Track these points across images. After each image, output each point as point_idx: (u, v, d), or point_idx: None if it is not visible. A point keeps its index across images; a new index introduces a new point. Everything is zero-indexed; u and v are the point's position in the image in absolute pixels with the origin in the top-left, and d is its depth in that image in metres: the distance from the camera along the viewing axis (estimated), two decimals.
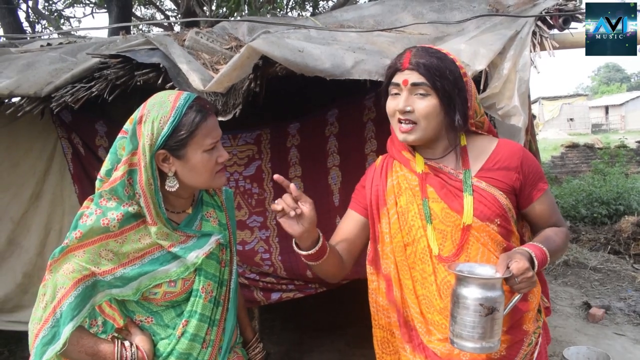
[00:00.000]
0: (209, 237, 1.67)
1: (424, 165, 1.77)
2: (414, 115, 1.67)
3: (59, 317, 1.49)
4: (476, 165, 1.74)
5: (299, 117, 3.62)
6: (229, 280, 1.76)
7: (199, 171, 1.59)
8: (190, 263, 1.60)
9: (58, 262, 1.52)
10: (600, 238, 8.03)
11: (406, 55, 1.70)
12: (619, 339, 4.77)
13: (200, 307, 1.64)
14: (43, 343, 1.48)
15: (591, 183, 10.49)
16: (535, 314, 1.79)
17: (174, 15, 12.42)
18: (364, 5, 3.64)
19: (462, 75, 1.71)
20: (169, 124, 1.51)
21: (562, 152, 15.82)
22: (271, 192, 3.57)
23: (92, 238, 1.52)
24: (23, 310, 3.54)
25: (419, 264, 1.76)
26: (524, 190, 1.74)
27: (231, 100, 2.55)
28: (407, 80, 1.66)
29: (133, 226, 1.56)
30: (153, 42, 2.83)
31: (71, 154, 3.51)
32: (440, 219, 1.72)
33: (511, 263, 1.51)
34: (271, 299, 3.57)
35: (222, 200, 1.83)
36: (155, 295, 1.61)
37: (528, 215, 1.82)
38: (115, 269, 1.54)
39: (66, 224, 3.52)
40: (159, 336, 1.66)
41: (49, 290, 1.52)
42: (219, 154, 1.62)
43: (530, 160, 1.77)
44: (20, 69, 3.01)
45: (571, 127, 37.95)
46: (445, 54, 1.72)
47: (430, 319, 1.75)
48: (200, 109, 1.55)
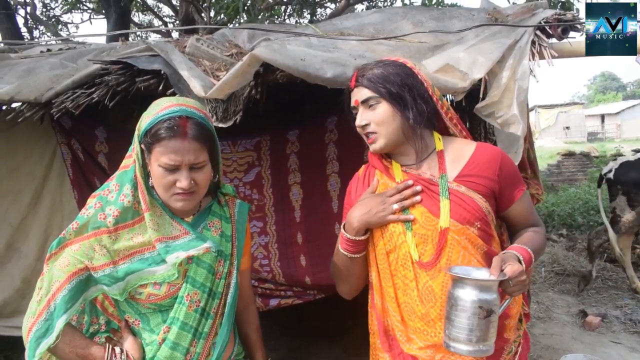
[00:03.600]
0: (202, 242, 1.63)
1: (402, 173, 1.80)
2: (371, 127, 1.76)
3: (53, 310, 1.51)
4: (455, 169, 1.76)
5: (299, 124, 3.64)
6: (224, 294, 1.71)
7: (156, 181, 1.59)
8: (171, 264, 1.57)
9: (55, 256, 1.56)
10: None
11: (353, 76, 1.82)
12: (615, 347, 4.77)
13: (183, 315, 1.61)
14: (37, 336, 1.50)
15: (587, 191, 10.53)
16: (516, 322, 1.80)
17: (172, 22, 12.44)
18: (364, 13, 3.66)
19: (411, 75, 1.76)
20: (147, 123, 1.54)
21: (559, 160, 15.87)
22: (271, 198, 3.58)
23: (87, 232, 1.56)
24: (21, 315, 3.44)
25: (400, 270, 1.76)
26: (504, 192, 1.76)
27: (232, 107, 2.56)
28: (357, 100, 1.78)
29: (128, 224, 1.59)
30: (154, 48, 2.83)
31: (70, 160, 3.50)
32: (421, 223, 1.73)
33: (505, 266, 1.53)
34: (270, 305, 3.58)
35: (232, 212, 1.81)
36: (140, 296, 1.60)
37: (507, 218, 1.84)
38: (106, 265, 1.56)
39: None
40: (145, 341, 1.66)
41: (45, 283, 1.55)
42: (178, 177, 1.54)
43: (508, 163, 1.80)
44: (20, 75, 3.01)
45: (567, 135, 38.13)
46: (390, 61, 1.80)
47: (412, 326, 1.75)
48: (172, 127, 1.50)
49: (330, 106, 3.48)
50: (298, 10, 9.89)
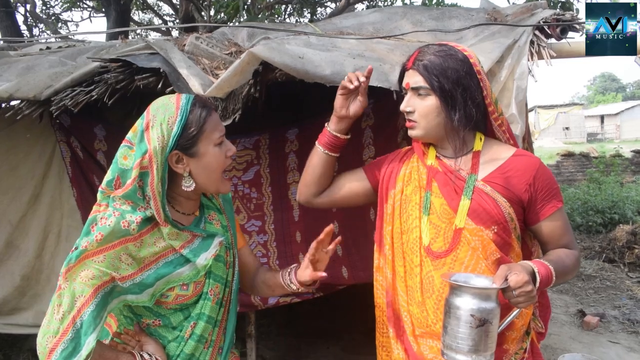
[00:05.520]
0: (213, 238, 1.66)
1: (435, 159, 1.79)
2: (414, 115, 1.73)
3: (79, 328, 1.41)
4: (486, 170, 1.72)
5: (298, 122, 3.63)
6: (231, 282, 1.77)
7: (212, 167, 1.61)
8: (200, 266, 1.60)
9: (75, 269, 1.44)
10: (595, 246, 8.06)
11: (413, 54, 1.75)
12: (613, 346, 4.78)
13: (209, 310, 1.65)
14: (63, 357, 1.39)
15: (586, 192, 10.52)
16: (520, 335, 1.75)
17: (172, 20, 12.43)
18: (363, 13, 3.67)
19: (470, 74, 1.69)
20: (177, 124, 1.52)
21: (558, 161, 15.86)
22: (269, 197, 3.58)
23: (112, 242, 1.47)
24: (21, 313, 3.53)
25: (409, 253, 1.78)
26: (534, 205, 1.70)
27: (231, 106, 2.56)
28: (409, 84, 1.73)
29: (148, 229, 1.54)
30: (153, 46, 2.84)
31: (70, 158, 3.50)
32: (438, 214, 1.73)
33: (510, 275, 1.46)
34: (268, 304, 3.57)
35: (219, 202, 1.83)
36: (167, 299, 1.60)
37: (538, 234, 1.76)
38: (134, 274, 1.51)
39: (64, 227, 3.53)
40: (166, 339, 1.65)
41: (66, 299, 1.43)
42: (227, 147, 1.65)
43: (545, 176, 1.71)
44: (19, 72, 3.01)
45: (567, 136, 38.15)
46: (454, 51, 1.71)
47: (412, 311, 1.77)
48: (203, 105, 1.59)
49: (330, 105, 3.48)
50: (298, 10, 9.89)
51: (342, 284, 3.58)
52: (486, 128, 1.79)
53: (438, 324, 1.69)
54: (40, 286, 3.53)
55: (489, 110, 1.74)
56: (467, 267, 1.68)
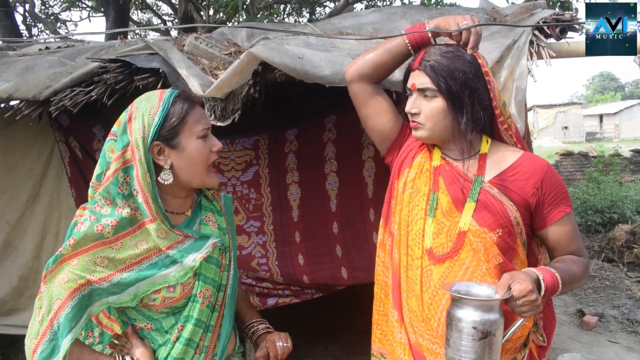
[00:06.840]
0: (207, 239, 1.65)
1: (441, 159, 1.76)
2: (419, 117, 1.70)
3: (57, 330, 1.46)
4: (492, 172, 1.69)
5: (297, 123, 3.63)
6: (226, 285, 1.73)
7: (194, 160, 1.59)
8: (188, 267, 1.58)
9: (52, 273, 1.50)
10: (594, 246, 8.06)
11: (420, 54, 1.72)
12: (612, 346, 4.78)
13: (197, 312, 1.62)
14: (42, 358, 1.45)
15: (585, 191, 10.51)
16: (516, 347, 1.70)
17: (171, 20, 12.42)
18: (363, 13, 3.66)
19: (478, 76, 1.66)
20: (159, 114, 1.53)
21: (557, 160, 15.86)
22: (268, 197, 3.58)
23: (85, 245, 1.49)
24: (18, 313, 3.53)
25: (412, 245, 1.75)
26: (541, 209, 1.66)
27: (230, 106, 2.56)
28: (414, 85, 1.69)
29: (129, 232, 1.54)
30: (153, 47, 2.83)
31: (68, 158, 3.50)
32: (443, 211, 1.70)
33: (513, 284, 1.43)
34: (267, 304, 3.57)
35: (220, 205, 1.82)
36: (154, 302, 1.59)
37: (545, 239, 1.72)
38: (112, 275, 1.51)
39: (63, 227, 3.52)
40: (157, 343, 1.65)
41: (45, 302, 1.49)
42: (212, 142, 1.64)
43: (553, 179, 1.68)
44: (19, 73, 3.00)
45: (566, 135, 38.18)
46: (462, 52, 1.68)
47: (410, 305, 1.74)
48: (186, 98, 1.60)
49: (329, 105, 3.49)
50: (297, 9, 9.89)
51: (341, 284, 3.59)
52: (492, 131, 1.76)
53: (432, 319, 1.68)
54: (38, 287, 3.52)
55: (496, 113, 1.71)
56: (468, 268, 1.65)
